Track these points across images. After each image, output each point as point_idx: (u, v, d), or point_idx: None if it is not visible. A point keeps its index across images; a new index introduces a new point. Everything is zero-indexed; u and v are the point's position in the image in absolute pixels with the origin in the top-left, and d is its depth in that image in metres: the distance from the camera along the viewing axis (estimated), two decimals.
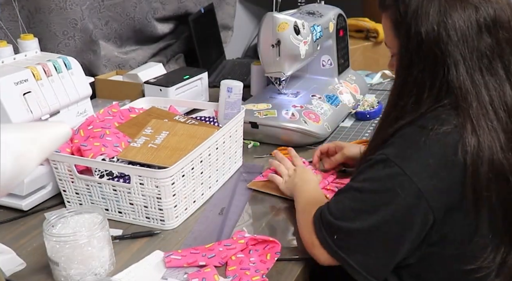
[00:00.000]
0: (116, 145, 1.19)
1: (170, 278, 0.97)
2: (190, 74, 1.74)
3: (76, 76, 1.30)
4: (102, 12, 1.90)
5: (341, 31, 1.80)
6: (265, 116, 1.51)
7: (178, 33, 2.32)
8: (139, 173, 1.08)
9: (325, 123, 1.55)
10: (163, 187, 1.07)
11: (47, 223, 0.96)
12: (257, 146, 1.54)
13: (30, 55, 1.29)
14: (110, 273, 0.98)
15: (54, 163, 1.15)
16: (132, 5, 2.00)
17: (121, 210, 1.14)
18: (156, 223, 1.12)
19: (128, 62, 2.03)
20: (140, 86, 1.71)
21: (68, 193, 1.18)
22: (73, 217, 0.99)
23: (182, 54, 2.32)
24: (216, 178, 1.27)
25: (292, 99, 1.61)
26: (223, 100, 1.33)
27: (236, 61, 2.47)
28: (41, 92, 1.20)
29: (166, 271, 0.99)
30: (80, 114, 1.32)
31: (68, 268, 0.94)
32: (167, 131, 1.25)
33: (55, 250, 0.94)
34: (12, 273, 0.99)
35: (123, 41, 2.05)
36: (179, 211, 1.13)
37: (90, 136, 1.19)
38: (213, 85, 1.90)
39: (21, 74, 1.16)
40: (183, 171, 1.11)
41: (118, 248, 1.06)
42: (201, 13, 2.23)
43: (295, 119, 1.49)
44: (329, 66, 1.79)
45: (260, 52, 1.51)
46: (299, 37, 1.47)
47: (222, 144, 1.27)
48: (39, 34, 1.61)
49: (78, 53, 1.74)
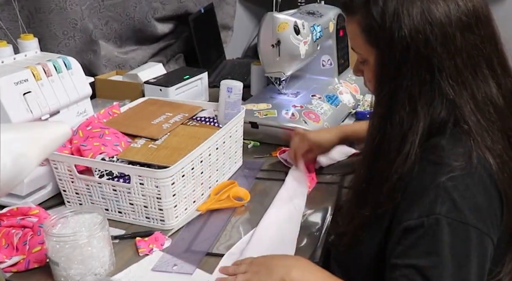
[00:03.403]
0: (116, 144, 1.19)
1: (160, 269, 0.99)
2: (190, 74, 1.74)
3: (76, 76, 1.29)
4: (102, 12, 1.90)
5: (341, 31, 1.80)
6: (265, 116, 1.51)
7: (178, 33, 2.32)
8: (139, 173, 1.08)
9: (325, 123, 1.55)
10: (163, 187, 1.07)
11: (47, 223, 0.96)
12: (257, 146, 1.54)
13: (30, 55, 1.29)
14: (110, 273, 0.98)
15: (54, 163, 1.15)
16: (132, 5, 2.00)
17: (121, 210, 1.14)
18: (156, 223, 1.12)
19: (128, 62, 2.03)
20: (140, 86, 1.71)
21: (68, 193, 1.18)
22: (73, 217, 0.99)
23: (182, 54, 2.32)
24: (216, 178, 1.27)
25: (292, 99, 1.61)
26: (223, 100, 1.33)
27: (236, 61, 2.47)
28: (41, 92, 1.19)
29: (156, 263, 1.01)
30: (80, 114, 1.32)
31: (68, 268, 0.94)
32: (168, 132, 1.26)
33: (55, 250, 0.94)
34: (12, 274, 0.99)
35: (123, 41, 2.05)
36: (179, 211, 1.13)
37: (89, 136, 1.19)
38: (213, 85, 1.90)
39: (21, 74, 1.16)
40: (183, 171, 1.11)
41: (118, 248, 1.06)
42: (201, 13, 2.23)
43: (295, 119, 1.49)
44: (329, 66, 1.79)
45: (260, 52, 1.51)
46: (299, 37, 1.47)
47: (222, 144, 1.27)
48: (39, 34, 1.61)
49: (78, 53, 1.74)
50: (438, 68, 0.83)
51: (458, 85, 0.84)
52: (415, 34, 0.82)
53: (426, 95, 0.84)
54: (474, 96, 0.85)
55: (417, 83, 0.84)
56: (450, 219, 0.78)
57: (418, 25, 0.82)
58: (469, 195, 0.80)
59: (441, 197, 0.79)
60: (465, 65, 0.84)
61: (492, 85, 0.86)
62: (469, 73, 0.84)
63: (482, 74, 0.85)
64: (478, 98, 0.85)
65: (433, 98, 0.84)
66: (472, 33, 0.84)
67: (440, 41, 0.82)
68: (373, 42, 0.88)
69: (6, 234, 1.01)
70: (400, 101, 0.85)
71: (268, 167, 1.40)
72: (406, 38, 0.82)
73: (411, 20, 0.82)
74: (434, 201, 0.79)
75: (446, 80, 0.83)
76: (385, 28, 0.84)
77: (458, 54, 0.83)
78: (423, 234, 0.79)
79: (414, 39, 0.82)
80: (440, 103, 0.84)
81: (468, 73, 0.84)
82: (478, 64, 0.85)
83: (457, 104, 0.84)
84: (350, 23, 0.92)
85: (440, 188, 0.80)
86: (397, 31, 0.83)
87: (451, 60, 0.83)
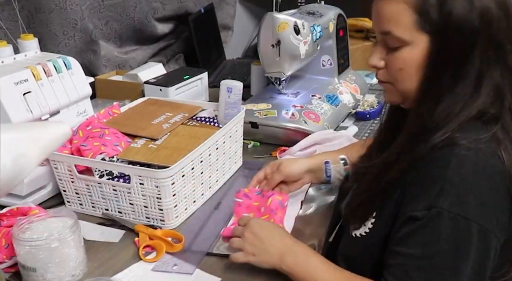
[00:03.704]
0: (116, 144, 1.19)
1: (160, 269, 1.00)
2: (190, 74, 1.74)
3: (76, 76, 1.29)
4: (102, 12, 1.90)
5: (341, 31, 1.80)
6: (265, 116, 1.51)
7: (178, 33, 2.33)
8: (139, 173, 1.08)
9: (325, 123, 1.55)
10: (163, 187, 1.07)
11: (17, 230, 0.95)
12: (257, 146, 1.54)
13: (30, 55, 1.29)
14: (86, 274, 0.99)
15: (54, 163, 1.15)
16: (132, 5, 2.00)
17: (121, 210, 1.14)
18: (156, 223, 1.12)
19: (128, 62, 2.03)
20: (140, 86, 1.71)
21: (68, 193, 1.18)
22: (39, 222, 0.99)
23: (182, 54, 2.32)
24: (216, 178, 1.27)
25: (292, 99, 1.61)
26: (223, 100, 1.33)
27: (236, 61, 2.47)
28: (41, 92, 1.19)
29: (156, 263, 1.01)
30: (80, 114, 1.32)
31: (45, 273, 0.94)
32: (168, 132, 1.26)
33: (30, 256, 0.93)
34: (12, 274, 0.99)
35: (123, 41, 2.05)
36: (179, 211, 1.13)
37: (89, 136, 1.19)
38: (213, 85, 1.90)
39: (21, 74, 1.16)
40: (183, 171, 1.11)
41: (119, 248, 1.06)
42: (201, 13, 2.23)
43: (295, 119, 1.49)
44: (329, 66, 1.79)
45: (260, 52, 1.51)
46: (299, 37, 1.47)
47: (222, 144, 1.27)
48: (39, 34, 1.61)
49: (78, 53, 1.74)
50: (503, 49, 0.83)
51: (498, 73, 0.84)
52: (486, 14, 0.81)
53: (491, 76, 0.83)
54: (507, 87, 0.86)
55: (486, 64, 0.83)
56: (452, 213, 0.78)
57: (487, 4, 0.81)
58: (476, 190, 0.79)
59: (446, 190, 0.79)
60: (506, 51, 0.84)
61: None
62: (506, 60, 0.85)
63: (508, 63, 0.86)
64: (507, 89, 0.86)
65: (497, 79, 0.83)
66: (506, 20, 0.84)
67: (506, 21, 0.82)
68: (427, 27, 0.83)
69: (6, 234, 1.01)
70: (467, 82, 0.83)
71: None
72: (477, 21, 0.81)
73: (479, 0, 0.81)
74: (439, 194, 0.79)
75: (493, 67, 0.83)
76: (452, 14, 0.81)
77: (502, 39, 0.83)
78: (423, 225, 0.80)
79: (486, 20, 0.81)
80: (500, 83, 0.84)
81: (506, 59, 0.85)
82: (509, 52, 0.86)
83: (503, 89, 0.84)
84: (395, 2, 0.84)
85: (447, 181, 0.80)
86: (467, 15, 0.80)
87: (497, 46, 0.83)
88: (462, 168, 0.80)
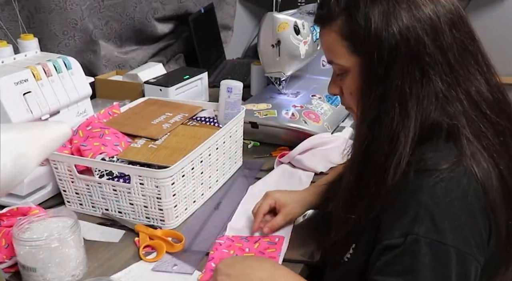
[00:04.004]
0: (116, 144, 1.19)
1: (160, 269, 1.00)
2: (190, 74, 1.74)
3: (76, 76, 1.29)
4: (102, 12, 1.90)
5: None
6: (265, 116, 1.51)
7: (178, 33, 2.32)
8: (139, 173, 1.08)
9: (325, 123, 1.55)
10: (163, 187, 1.07)
11: (17, 230, 0.95)
12: (257, 146, 1.54)
13: (30, 55, 1.29)
14: (86, 274, 0.99)
15: (54, 163, 1.15)
16: (132, 5, 2.00)
17: (121, 210, 1.14)
18: (156, 223, 1.12)
19: (128, 62, 2.03)
20: (140, 86, 1.71)
21: (68, 193, 1.18)
22: (39, 222, 0.99)
23: (182, 54, 2.32)
24: (216, 178, 1.27)
25: (292, 99, 1.61)
26: (223, 100, 1.33)
27: (236, 61, 2.47)
28: (41, 92, 1.19)
29: (156, 263, 1.01)
30: (80, 114, 1.32)
31: (45, 273, 0.94)
32: (168, 132, 1.26)
33: (30, 256, 0.93)
34: (12, 274, 0.99)
35: (123, 41, 2.05)
36: (179, 211, 1.13)
37: (89, 136, 1.19)
38: (213, 85, 1.90)
39: (21, 74, 1.16)
40: (183, 171, 1.11)
41: (119, 248, 1.06)
42: (201, 13, 2.23)
43: (295, 119, 1.49)
44: (329, 66, 1.79)
45: (260, 52, 1.51)
46: (299, 37, 1.47)
47: (222, 144, 1.27)
48: (39, 34, 1.61)
49: (78, 53, 1.74)
50: (429, 65, 0.82)
51: (451, 79, 0.83)
52: (405, 31, 0.81)
53: (417, 94, 0.82)
54: (468, 92, 0.84)
55: (407, 82, 0.82)
56: (428, 239, 0.77)
57: (407, 23, 0.81)
58: (451, 214, 0.78)
59: (421, 216, 0.78)
60: (456, 60, 0.83)
61: (481, 81, 0.86)
62: (460, 68, 0.84)
63: (473, 69, 0.85)
64: (471, 93, 0.84)
65: (424, 96, 0.82)
66: (457, 30, 0.84)
67: (431, 37, 0.82)
68: (357, 49, 0.86)
69: (6, 234, 1.01)
70: (390, 102, 0.83)
71: (268, 167, 1.40)
72: (395, 37, 0.81)
73: (399, 19, 0.81)
74: (414, 220, 0.78)
75: (439, 76, 0.82)
76: (371, 30, 0.82)
77: (450, 49, 0.83)
78: (401, 253, 0.78)
79: (404, 36, 0.81)
80: (432, 101, 0.83)
81: (459, 68, 0.84)
82: (467, 60, 0.85)
83: (450, 101, 0.83)
84: (327, 34, 0.89)
85: (421, 207, 0.78)
86: (385, 31, 0.81)
87: (444, 56, 0.82)
88: (435, 192, 0.79)
